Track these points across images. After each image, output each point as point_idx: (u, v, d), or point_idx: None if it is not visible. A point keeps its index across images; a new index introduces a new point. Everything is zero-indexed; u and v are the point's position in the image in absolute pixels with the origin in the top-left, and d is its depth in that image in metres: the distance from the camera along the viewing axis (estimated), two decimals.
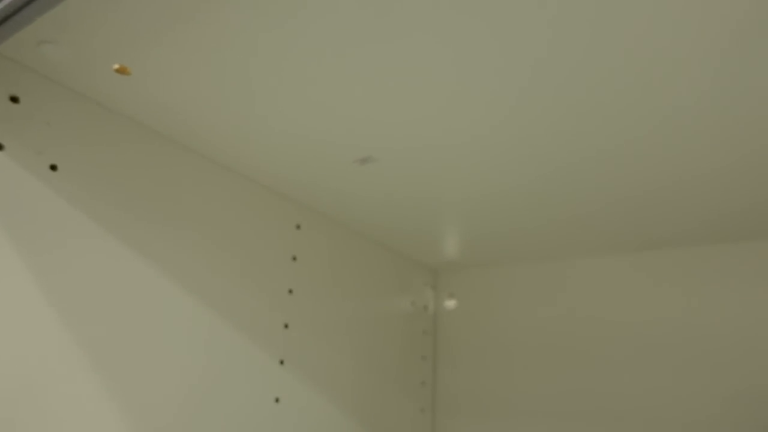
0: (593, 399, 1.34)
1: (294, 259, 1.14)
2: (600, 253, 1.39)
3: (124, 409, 0.78)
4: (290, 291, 1.12)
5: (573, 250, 1.39)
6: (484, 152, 0.90)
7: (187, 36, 0.65)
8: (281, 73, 0.72)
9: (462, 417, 1.54)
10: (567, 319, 1.42)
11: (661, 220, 1.15)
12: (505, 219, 1.20)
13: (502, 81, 0.71)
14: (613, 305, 1.36)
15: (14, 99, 0.71)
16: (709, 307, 1.25)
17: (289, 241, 1.13)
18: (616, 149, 0.86)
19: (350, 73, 0.71)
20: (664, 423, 1.24)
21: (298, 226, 1.16)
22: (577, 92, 0.72)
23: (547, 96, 0.74)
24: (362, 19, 0.61)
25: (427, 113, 0.79)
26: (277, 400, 1.05)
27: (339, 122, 0.83)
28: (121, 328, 0.80)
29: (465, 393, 1.55)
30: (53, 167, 0.74)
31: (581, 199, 1.06)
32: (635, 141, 0.83)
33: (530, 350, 1.46)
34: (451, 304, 1.63)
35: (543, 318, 1.46)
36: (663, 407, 1.25)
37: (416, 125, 0.83)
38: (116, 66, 0.72)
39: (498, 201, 1.09)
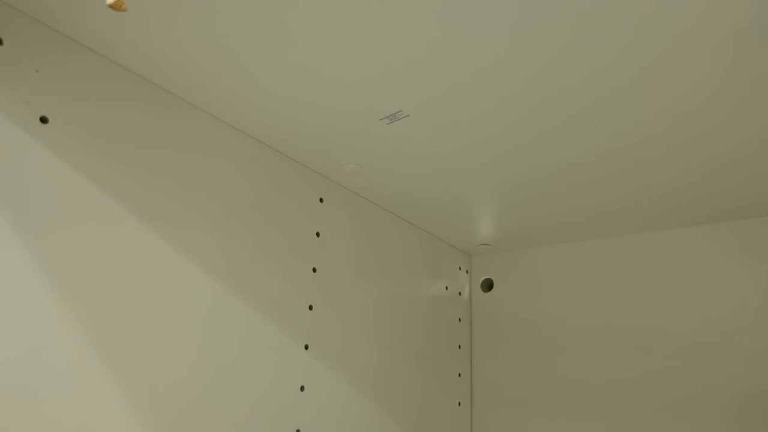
0: (644, 387, 1.20)
1: (317, 235, 1.04)
2: (648, 229, 1.26)
3: (142, 395, 0.69)
4: (314, 270, 1.01)
5: (619, 227, 1.26)
6: (524, 115, 0.79)
7: None
8: (299, 13, 0.62)
9: (501, 410, 1.42)
10: (612, 301, 1.29)
11: (714, 195, 1.02)
12: (545, 193, 1.08)
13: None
14: (662, 285, 1.23)
15: None
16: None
17: (312, 216, 1.03)
18: (663, 130, 0.75)
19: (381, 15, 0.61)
20: (731, 410, 1.10)
21: (321, 200, 1.06)
22: (619, 77, 0.61)
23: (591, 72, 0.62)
24: None
25: (467, 76, 0.69)
26: (302, 389, 0.95)
27: (366, 74, 0.73)
28: (127, 308, 0.71)
29: (504, 384, 1.43)
30: (43, 119, 0.65)
31: (625, 172, 0.94)
32: (685, 115, 0.71)
33: (573, 336, 1.34)
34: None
35: (586, 301, 1.33)
36: (726, 394, 1.11)
37: (452, 80, 0.72)
38: (110, 0, 0.63)
39: (538, 171, 0.98)
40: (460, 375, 1.44)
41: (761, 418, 1.08)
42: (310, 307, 0.99)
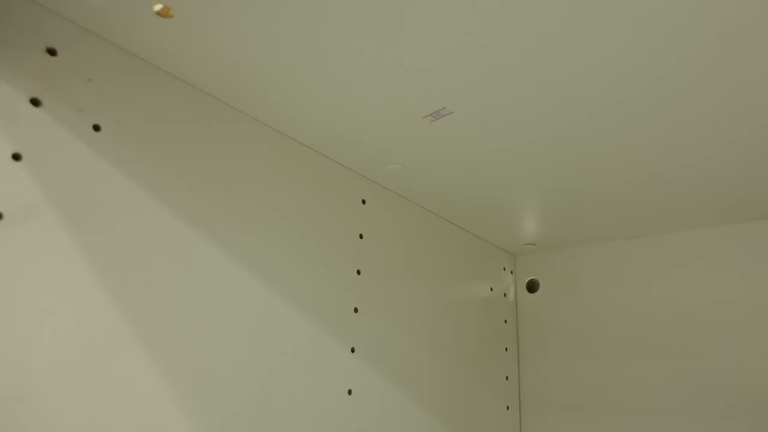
0: (699, 391, 1.15)
1: (361, 237, 1.03)
2: (704, 225, 1.20)
3: (189, 398, 0.70)
4: (358, 272, 1.01)
5: (671, 223, 1.21)
6: (569, 109, 0.76)
7: None
8: (346, 15, 0.61)
9: (551, 414, 1.38)
10: (666, 301, 1.24)
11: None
12: (593, 187, 1.04)
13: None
14: (718, 284, 1.17)
15: (51, 51, 0.64)
16: None
17: (355, 218, 1.03)
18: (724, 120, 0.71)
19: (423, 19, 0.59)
20: None
21: (364, 201, 1.05)
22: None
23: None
24: None
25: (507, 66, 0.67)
26: (350, 392, 0.94)
27: (408, 72, 0.72)
28: (180, 312, 0.71)
29: (552, 387, 1.39)
30: (96, 127, 0.67)
31: (680, 164, 0.89)
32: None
33: (624, 337, 1.29)
34: None
35: (635, 301, 1.28)
36: None
37: (495, 67, 0.70)
38: (157, 7, 0.64)
39: (585, 164, 0.94)
40: (507, 378, 1.41)
41: None
42: (356, 310, 0.99)
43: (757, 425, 1.08)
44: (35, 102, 0.62)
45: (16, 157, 0.59)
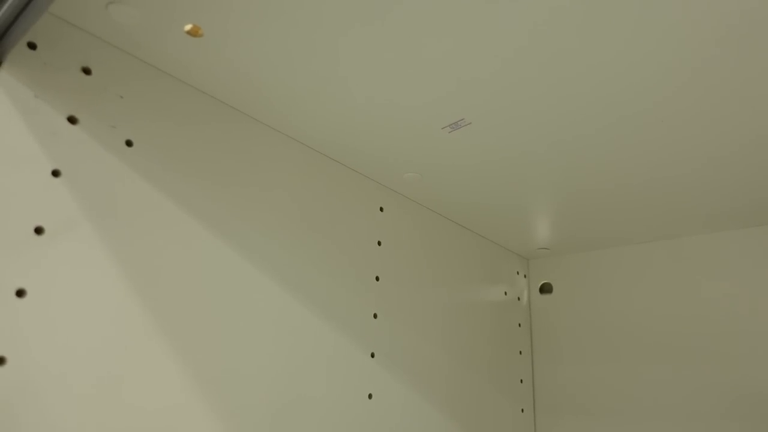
0: (714, 393, 1.16)
1: (379, 243, 1.05)
2: (715, 229, 1.21)
3: (217, 404, 0.72)
4: (377, 278, 1.03)
5: (683, 228, 1.22)
6: (583, 117, 0.78)
7: None
8: (367, 31, 0.63)
9: (565, 416, 1.39)
10: (679, 304, 1.25)
11: None
12: (606, 192, 1.06)
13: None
14: (733, 288, 1.18)
15: (86, 71, 0.66)
16: None
17: (373, 225, 1.05)
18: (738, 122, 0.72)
19: (442, 30, 0.61)
20: None
21: (381, 209, 1.08)
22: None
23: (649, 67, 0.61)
24: None
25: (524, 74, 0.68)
26: (370, 396, 0.96)
27: (428, 84, 0.74)
28: (198, 317, 0.74)
29: (566, 390, 1.40)
30: (128, 143, 0.69)
31: (692, 167, 0.91)
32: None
33: (636, 340, 1.30)
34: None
35: (648, 304, 1.29)
36: None
37: (513, 81, 0.72)
38: (188, 27, 0.66)
39: (598, 171, 0.96)
40: (522, 381, 1.42)
41: None
42: (375, 315, 1.01)
43: None
44: (72, 120, 0.64)
45: (56, 173, 0.62)
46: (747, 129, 0.81)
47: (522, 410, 1.40)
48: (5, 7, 0.51)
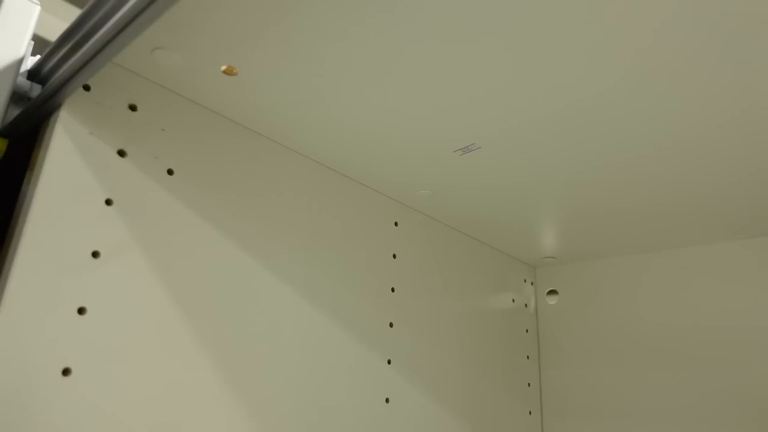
0: (720, 399, 1.21)
1: (394, 256, 1.12)
2: (721, 239, 1.27)
3: (233, 410, 0.79)
4: (392, 289, 1.09)
5: (690, 238, 1.28)
6: (585, 129, 0.84)
7: (286, 33, 0.65)
8: (381, 64, 0.70)
9: (572, 419, 1.45)
10: (683, 311, 1.31)
11: None
12: (610, 204, 1.12)
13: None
14: (738, 297, 1.23)
15: (133, 107, 0.73)
16: None
17: (389, 239, 1.11)
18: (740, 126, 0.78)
19: (452, 60, 0.68)
20: None
21: (396, 224, 1.14)
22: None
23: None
24: (460, 12, 0.58)
25: (531, 95, 0.75)
26: (387, 401, 1.03)
27: (441, 111, 0.80)
28: (234, 329, 0.81)
29: (573, 393, 1.46)
30: (170, 171, 0.76)
31: (696, 177, 0.97)
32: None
33: (641, 345, 1.36)
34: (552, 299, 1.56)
35: (653, 311, 1.35)
36: None
37: (520, 108, 0.79)
38: (224, 67, 0.73)
39: (602, 182, 1.02)
40: (529, 385, 1.48)
41: None
42: (391, 325, 1.07)
43: None
44: (121, 153, 0.71)
45: (108, 202, 0.69)
46: (754, 142, 0.87)
47: (530, 413, 1.46)
48: (72, 60, 0.58)
